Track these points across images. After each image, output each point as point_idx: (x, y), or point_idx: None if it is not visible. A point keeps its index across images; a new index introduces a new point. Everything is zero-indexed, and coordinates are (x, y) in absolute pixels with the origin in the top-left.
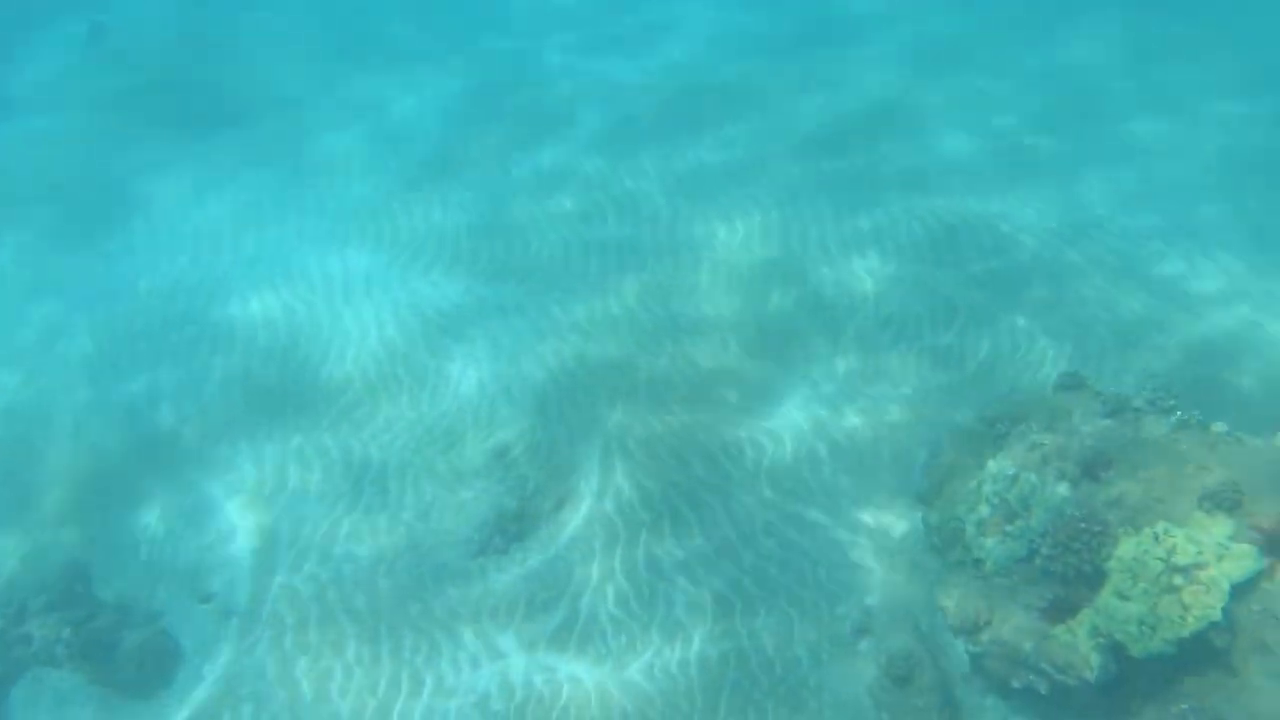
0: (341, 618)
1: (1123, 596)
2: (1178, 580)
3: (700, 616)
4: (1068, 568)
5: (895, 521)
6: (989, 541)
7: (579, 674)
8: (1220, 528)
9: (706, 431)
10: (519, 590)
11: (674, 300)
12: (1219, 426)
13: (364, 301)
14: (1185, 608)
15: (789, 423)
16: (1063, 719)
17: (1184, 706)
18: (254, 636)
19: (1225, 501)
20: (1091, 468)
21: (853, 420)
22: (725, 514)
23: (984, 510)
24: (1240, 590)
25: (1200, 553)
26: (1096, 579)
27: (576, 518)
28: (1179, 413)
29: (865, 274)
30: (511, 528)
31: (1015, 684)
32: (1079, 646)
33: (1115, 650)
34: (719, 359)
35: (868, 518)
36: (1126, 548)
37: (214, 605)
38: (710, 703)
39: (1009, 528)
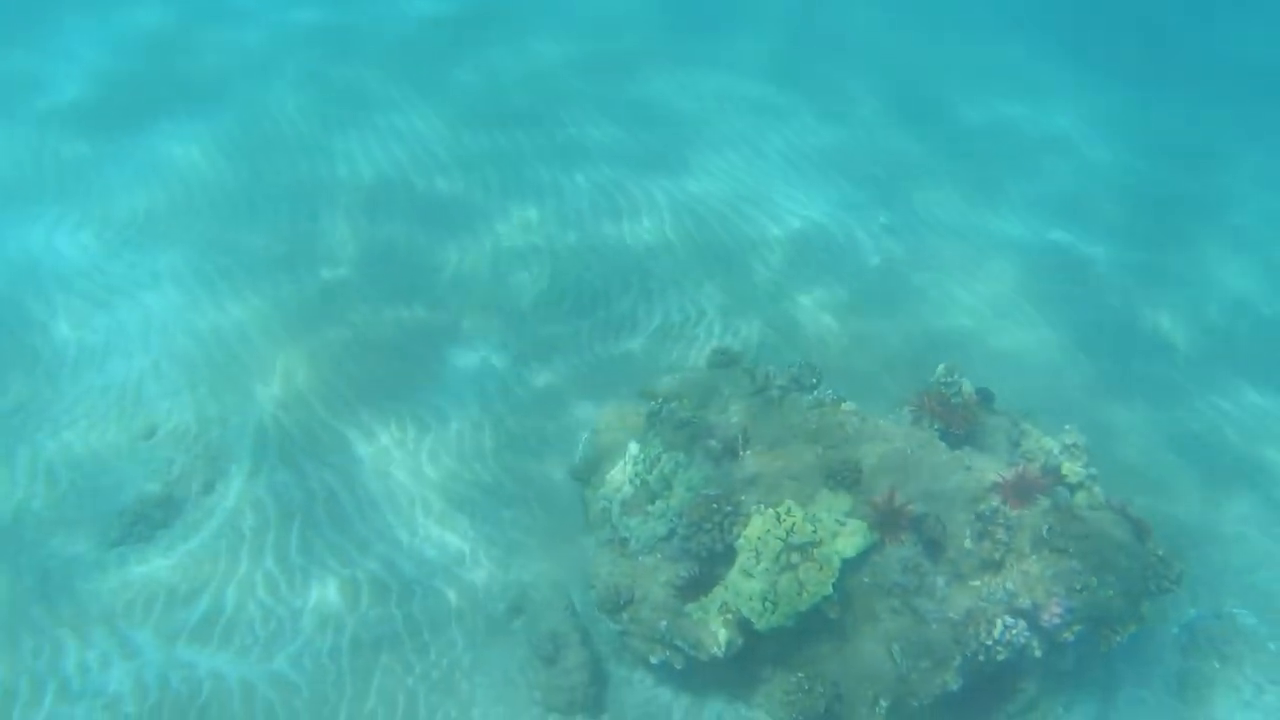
0: None
1: (748, 574)
2: (795, 558)
3: (354, 600)
4: (701, 547)
5: (555, 496)
6: (632, 521)
7: (221, 668)
8: (841, 504)
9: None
10: (160, 581)
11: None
12: (849, 405)
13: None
14: (802, 584)
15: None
16: (701, 689)
17: (800, 675)
18: None
19: (845, 479)
20: (734, 445)
21: (520, 389)
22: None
23: (627, 490)
24: (853, 564)
25: (816, 531)
26: (729, 557)
27: (226, 501)
28: (816, 392)
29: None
30: (155, 514)
31: (654, 660)
32: (709, 623)
33: (743, 625)
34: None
35: (529, 494)
36: (753, 527)
37: None
38: (360, 689)
39: (650, 508)
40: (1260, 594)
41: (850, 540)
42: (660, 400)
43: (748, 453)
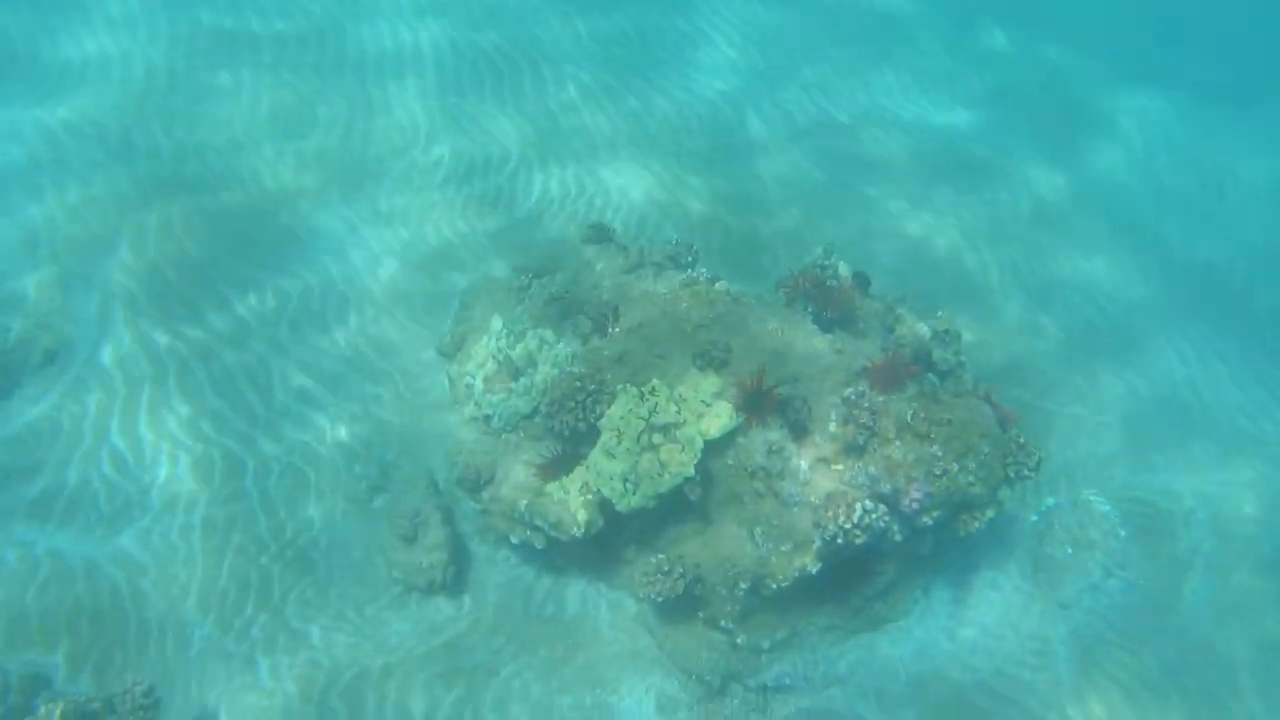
0: None
1: (609, 454)
2: (657, 439)
3: (207, 478)
4: (565, 426)
5: (422, 374)
6: (495, 398)
7: (62, 548)
8: (709, 385)
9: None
10: None
11: None
12: (722, 285)
13: None
14: (663, 465)
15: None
16: (564, 569)
17: (660, 557)
18: None
19: (714, 360)
20: (603, 323)
21: (389, 266)
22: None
23: (490, 366)
24: (717, 446)
25: (680, 411)
26: (592, 436)
27: (69, 372)
28: (691, 270)
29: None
30: None
31: (514, 539)
32: (570, 504)
33: (603, 506)
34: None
35: (394, 370)
36: (616, 407)
37: None
38: (211, 570)
39: (514, 385)
40: (1118, 483)
41: (715, 422)
42: (530, 275)
43: (617, 330)
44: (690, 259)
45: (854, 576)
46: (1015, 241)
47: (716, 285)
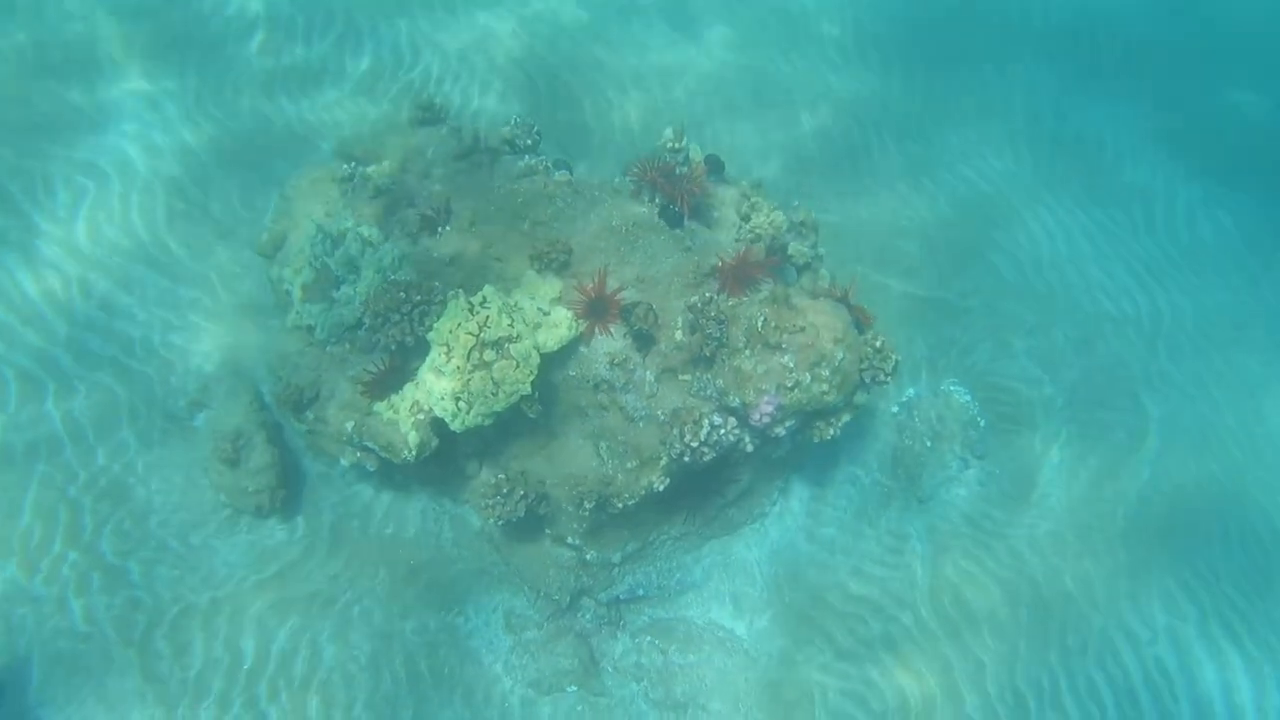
0: None
1: (438, 371)
2: (489, 355)
3: (1, 401)
4: (390, 340)
5: (243, 275)
6: (315, 308)
7: None
8: (548, 289)
9: None
10: None
11: None
12: (563, 175)
13: None
14: (497, 383)
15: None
16: (404, 484)
17: (500, 476)
18: None
19: (553, 262)
20: (434, 220)
21: (198, 143)
22: None
23: (308, 274)
24: (557, 357)
25: (514, 324)
26: (421, 350)
27: None
28: (530, 156)
29: None
30: None
31: (345, 462)
32: (400, 424)
33: (436, 426)
34: None
35: (212, 271)
36: (444, 320)
37: None
38: (11, 505)
39: (335, 293)
40: (978, 368)
41: (553, 333)
42: (354, 164)
43: (449, 228)
44: (530, 141)
45: (707, 485)
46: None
47: (557, 175)
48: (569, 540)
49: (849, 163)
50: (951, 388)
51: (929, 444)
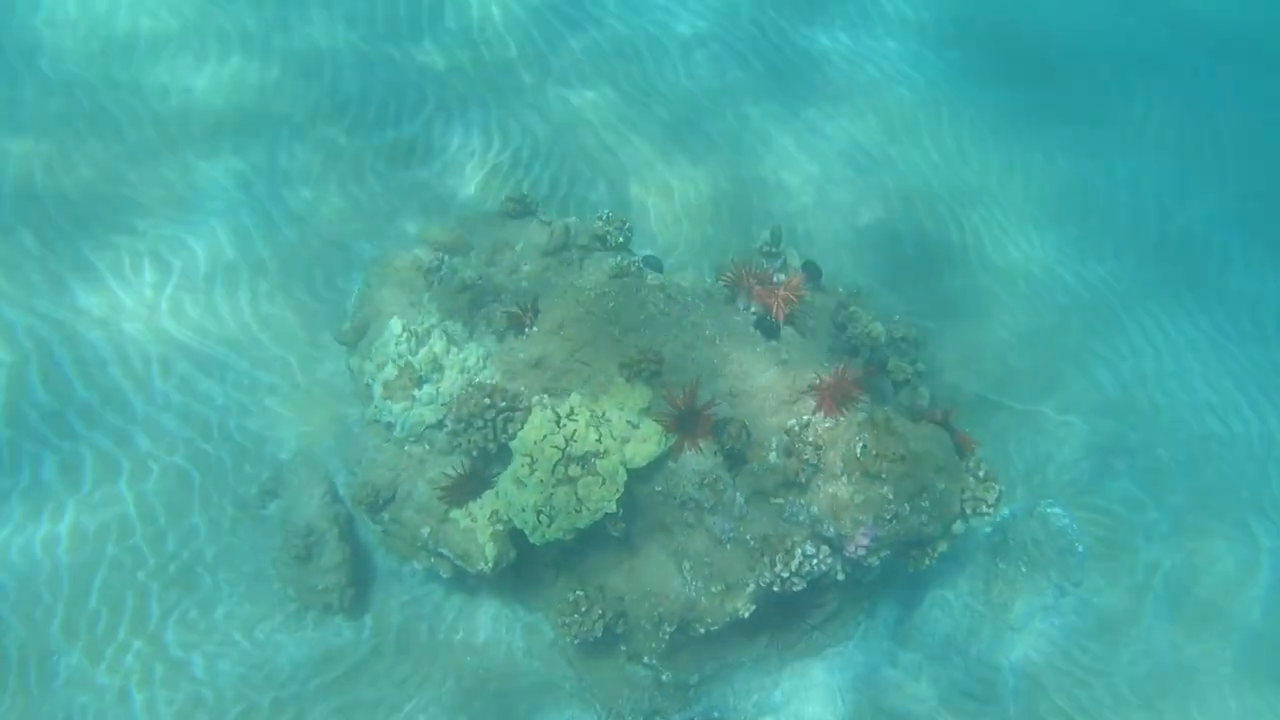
0: None
1: (520, 483)
2: (574, 471)
3: (75, 483)
4: (472, 445)
5: (322, 359)
6: (396, 407)
7: None
8: (637, 399)
9: None
10: None
11: None
12: (655, 278)
13: None
14: (580, 500)
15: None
16: (475, 588)
17: (578, 594)
18: None
19: (644, 372)
20: (521, 319)
21: (285, 223)
22: None
23: (390, 371)
24: (644, 471)
25: (601, 440)
26: (503, 457)
27: None
28: (620, 258)
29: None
30: None
31: (417, 566)
32: (478, 535)
33: (514, 537)
34: None
35: (291, 355)
36: (529, 430)
37: None
38: (81, 589)
39: (417, 393)
40: (1076, 488)
41: (641, 448)
42: (441, 255)
43: (535, 330)
44: (622, 238)
45: (793, 610)
46: None
47: (649, 279)
48: (645, 660)
49: (945, 262)
50: (1049, 509)
51: (1024, 569)
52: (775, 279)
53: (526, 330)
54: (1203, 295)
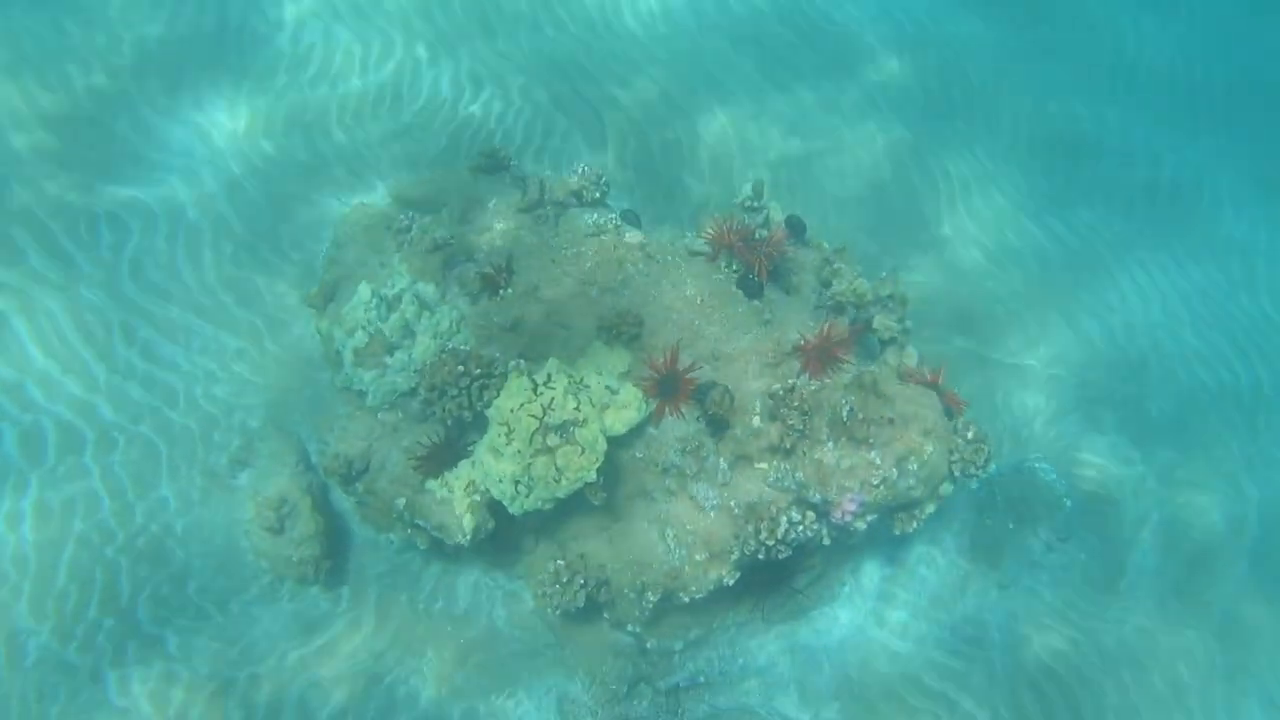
0: None
1: (497, 453)
2: (553, 440)
3: (37, 454)
4: (447, 414)
5: (291, 322)
6: (367, 374)
7: None
8: (616, 362)
9: None
10: None
11: None
12: (634, 235)
13: None
14: (559, 470)
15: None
16: (455, 556)
17: (559, 563)
18: None
19: (623, 335)
20: (495, 279)
21: (250, 178)
22: None
23: (360, 337)
24: (624, 436)
25: (579, 408)
26: (479, 425)
27: None
28: (597, 215)
29: None
30: None
31: (393, 538)
32: (454, 506)
33: (493, 507)
34: None
35: (259, 318)
36: (505, 398)
37: None
38: (47, 564)
39: (388, 359)
40: (1064, 442)
41: (621, 415)
42: (411, 214)
43: (510, 291)
44: (599, 193)
45: (778, 574)
46: None
47: (627, 237)
48: (629, 627)
49: (933, 211)
50: (1037, 464)
51: (1011, 525)
52: (757, 235)
53: (501, 292)
54: (1192, 243)
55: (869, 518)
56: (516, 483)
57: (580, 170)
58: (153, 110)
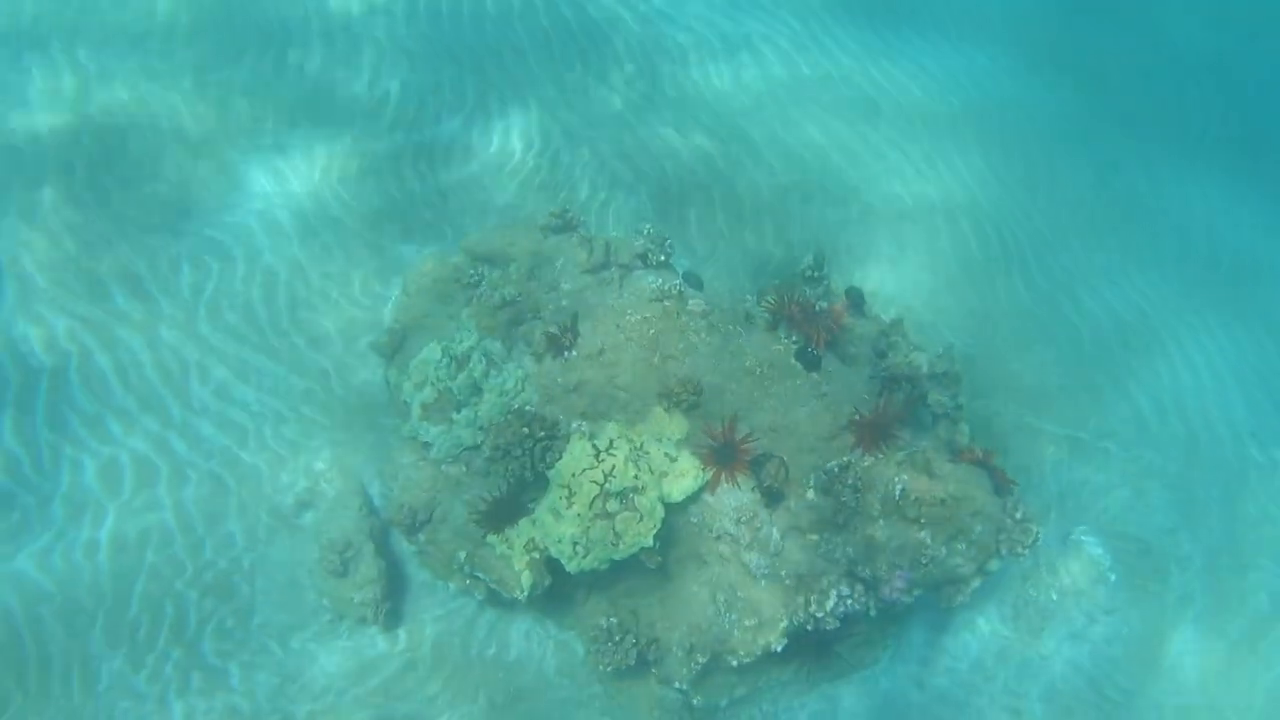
0: None
1: (558, 515)
2: (612, 505)
3: (115, 488)
4: (510, 473)
5: (359, 367)
6: (434, 429)
7: None
8: (675, 428)
9: None
10: None
11: None
12: (696, 303)
13: None
14: (618, 535)
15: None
16: (509, 604)
17: (611, 620)
18: None
19: (683, 402)
20: (559, 341)
21: (322, 226)
22: None
23: (428, 393)
24: (680, 504)
25: (639, 476)
26: (540, 484)
27: None
28: (662, 280)
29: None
30: None
31: (452, 587)
32: (514, 561)
33: (551, 565)
34: None
35: (328, 362)
36: (568, 461)
37: None
38: (121, 594)
39: (455, 415)
40: (1110, 515)
41: (679, 483)
42: (481, 269)
43: (574, 353)
44: (663, 256)
45: (824, 638)
46: None
47: (690, 304)
48: (676, 684)
49: (985, 279)
50: (1083, 537)
51: (1055, 596)
52: (817, 307)
53: (565, 353)
54: (1245, 314)
55: (916, 592)
56: (575, 544)
57: (645, 232)
58: (235, 151)
